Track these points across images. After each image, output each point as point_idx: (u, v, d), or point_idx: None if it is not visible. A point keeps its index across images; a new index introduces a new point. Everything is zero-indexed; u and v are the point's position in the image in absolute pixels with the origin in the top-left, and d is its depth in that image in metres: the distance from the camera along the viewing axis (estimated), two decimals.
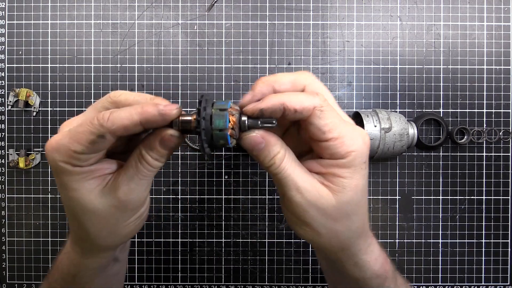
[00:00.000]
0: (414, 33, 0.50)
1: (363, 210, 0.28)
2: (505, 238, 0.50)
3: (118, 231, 0.28)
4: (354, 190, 0.26)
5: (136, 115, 0.24)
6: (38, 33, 0.49)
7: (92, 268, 0.31)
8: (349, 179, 0.25)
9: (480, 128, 0.49)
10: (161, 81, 0.50)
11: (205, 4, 0.50)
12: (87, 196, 0.26)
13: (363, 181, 0.26)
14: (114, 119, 0.24)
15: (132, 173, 0.26)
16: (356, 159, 0.25)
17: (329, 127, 0.24)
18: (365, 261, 0.29)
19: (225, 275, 0.50)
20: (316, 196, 0.26)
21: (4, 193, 0.50)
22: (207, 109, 0.24)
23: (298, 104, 0.24)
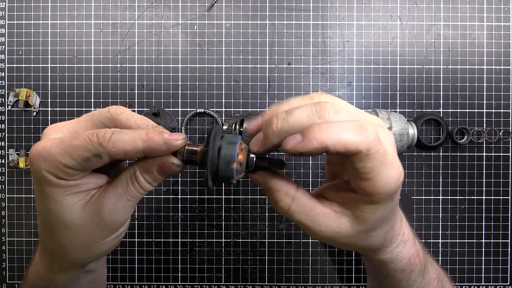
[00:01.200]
0: (414, 33, 0.50)
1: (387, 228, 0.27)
2: (505, 238, 0.50)
3: (93, 249, 0.26)
4: (374, 222, 0.25)
5: (140, 142, 0.22)
6: (38, 33, 0.49)
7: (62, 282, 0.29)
8: (371, 214, 0.24)
9: (480, 128, 0.49)
10: (161, 81, 0.50)
11: (205, 4, 0.50)
12: (67, 210, 0.24)
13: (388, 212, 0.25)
14: (116, 141, 0.22)
15: (121, 193, 0.25)
16: (382, 199, 0.23)
17: (367, 170, 0.22)
18: (388, 259, 0.30)
19: (225, 275, 0.50)
20: (332, 234, 0.25)
21: (4, 193, 0.50)
22: (216, 140, 0.23)
23: (342, 148, 0.21)
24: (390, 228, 0.28)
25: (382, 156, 0.22)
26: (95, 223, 0.25)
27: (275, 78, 0.50)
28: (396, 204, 0.26)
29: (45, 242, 0.28)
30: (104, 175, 0.26)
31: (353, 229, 0.25)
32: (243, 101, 0.50)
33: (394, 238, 0.29)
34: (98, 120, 0.25)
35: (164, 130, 0.24)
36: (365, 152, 0.21)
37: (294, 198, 0.25)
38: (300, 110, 0.22)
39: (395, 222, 0.28)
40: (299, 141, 0.21)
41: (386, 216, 0.25)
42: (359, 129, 0.21)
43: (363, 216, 0.24)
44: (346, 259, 0.50)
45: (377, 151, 0.21)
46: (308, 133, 0.21)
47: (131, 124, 0.25)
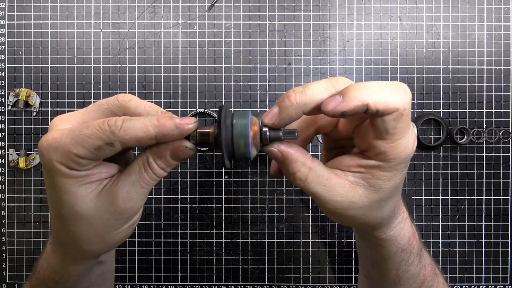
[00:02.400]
0: (414, 33, 0.50)
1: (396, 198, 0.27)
2: (505, 238, 0.50)
3: (108, 239, 0.26)
4: (389, 190, 0.25)
5: (152, 128, 0.22)
6: (38, 33, 0.49)
7: (75, 274, 0.29)
8: (387, 181, 0.25)
9: (480, 128, 0.49)
10: (161, 81, 0.50)
11: (205, 4, 0.50)
12: (81, 201, 0.24)
13: (401, 179, 0.25)
14: (128, 128, 0.22)
15: (134, 180, 0.24)
16: (400, 164, 0.24)
17: (397, 131, 0.22)
18: (392, 236, 0.30)
19: (225, 275, 0.50)
20: (347, 204, 0.25)
21: (4, 193, 0.50)
22: (228, 119, 0.23)
23: (383, 105, 0.21)
24: (398, 199, 0.28)
25: (409, 119, 0.23)
26: (109, 212, 0.25)
27: (275, 78, 0.50)
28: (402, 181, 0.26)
29: (58, 234, 0.27)
30: (114, 164, 0.26)
31: (367, 199, 0.25)
32: (243, 101, 0.50)
33: (398, 213, 0.29)
34: (107, 109, 0.25)
35: (174, 115, 0.24)
36: (401, 110, 0.21)
37: (311, 169, 0.25)
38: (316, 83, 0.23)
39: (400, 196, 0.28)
40: (339, 101, 0.21)
41: (398, 184, 0.26)
42: (397, 87, 0.22)
43: (379, 184, 0.24)
44: (346, 259, 0.50)
45: (409, 112, 0.22)
46: (348, 92, 0.21)
47: (141, 111, 0.24)
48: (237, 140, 0.23)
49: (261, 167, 0.50)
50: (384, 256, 0.31)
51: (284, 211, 0.50)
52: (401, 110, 0.22)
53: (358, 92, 0.21)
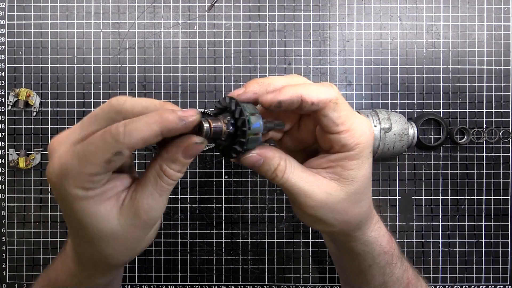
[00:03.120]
0: (414, 33, 0.50)
1: (369, 193, 0.29)
2: (505, 238, 0.50)
3: (137, 248, 0.26)
4: (362, 180, 0.27)
5: (155, 125, 0.21)
6: (38, 33, 0.49)
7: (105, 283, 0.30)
8: (357, 170, 0.26)
9: (480, 128, 0.49)
10: (161, 81, 0.50)
11: (205, 4, 0.50)
12: (104, 220, 0.24)
13: (369, 169, 0.27)
14: (131, 132, 0.21)
15: (152, 191, 0.24)
16: (364, 150, 0.26)
17: (342, 120, 0.25)
18: (373, 238, 0.31)
19: (225, 275, 0.50)
20: (325, 196, 0.26)
21: (4, 193, 0.50)
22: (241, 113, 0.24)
23: (315, 97, 0.24)
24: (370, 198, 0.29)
25: (349, 107, 0.26)
26: (134, 225, 0.25)
27: None
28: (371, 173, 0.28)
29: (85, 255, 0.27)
30: (125, 174, 0.26)
31: (343, 191, 0.26)
32: None
33: (373, 214, 0.31)
34: (103, 118, 0.24)
35: (174, 106, 0.23)
36: (334, 100, 0.24)
37: (288, 161, 0.26)
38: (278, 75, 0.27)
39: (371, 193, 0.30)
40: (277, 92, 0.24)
41: (369, 175, 0.27)
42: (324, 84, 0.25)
43: (351, 174, 0.26)
44: None
45: (343, 102, 0.25)
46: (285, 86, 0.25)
47: (138, 110, 0.23)
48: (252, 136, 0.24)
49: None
50: (369, 262, 0.32)
51: (284, 211, 0.50)
52: (334, 100, 0.24)
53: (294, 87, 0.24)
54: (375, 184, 0.50)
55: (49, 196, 0.50)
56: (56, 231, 0.50)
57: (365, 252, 0.31)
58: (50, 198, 0.50)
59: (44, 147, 0.50)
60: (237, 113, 0.24)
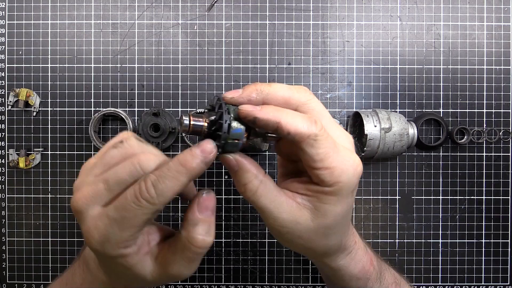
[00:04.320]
0: (414, 33, 0.50)
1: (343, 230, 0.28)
2: (505, 238, 0.50)
3: None
4: (335, 216, 0.25)
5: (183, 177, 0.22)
6: (38, 33, 0.49)
7: None
8: (332, 206, 0.25)
9: (480, 128, 0.49)
10: (161, 81, 0.50)
11: (205, 4, 0.50)
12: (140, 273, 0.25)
13: (347, 208, 0.26)
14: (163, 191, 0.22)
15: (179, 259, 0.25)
16: (343, 189, 0.24)
17: (321, 157, 0.23)
18: (343, 265, 0.30)
19: (225, 275, 0.50)
20: (293, 224, 0.25)
21: (4, 193, 0.50)
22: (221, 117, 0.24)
23: (292, 128, 0.23)
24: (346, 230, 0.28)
25: (331, 144, 0.24)
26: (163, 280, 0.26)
27: (275, 78, 0.50)
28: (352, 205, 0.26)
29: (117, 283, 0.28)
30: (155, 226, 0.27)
31: (313, 223, 0.25)
32: None
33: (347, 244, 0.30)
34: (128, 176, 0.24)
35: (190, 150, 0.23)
36: (313, 136, 0.23)
37: (262, 182, 0.25)
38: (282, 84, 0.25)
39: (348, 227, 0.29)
40: (257, 108, 0.23)
41: (345, 213, 0.26)
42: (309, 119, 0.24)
43: (324, 208, 0.25)
44: None
45: (325, 138, 0.23)
46: (267, 107, 0.24)
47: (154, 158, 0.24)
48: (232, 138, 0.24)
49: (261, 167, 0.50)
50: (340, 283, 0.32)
51: None
52: (313, 136, 0.23)
53: (275, 110, 0.23)
54: (375, 184, 0.50)
55: (49, 196, 0.50)
56: (56, 231, 0.50)
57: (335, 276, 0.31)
58: (50, 198, 0.50)
59: (44, 147, 0.50)
60: (218, 116, 0.24)
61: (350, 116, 0.49)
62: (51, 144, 0.50)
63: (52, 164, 0.50)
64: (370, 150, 0.45)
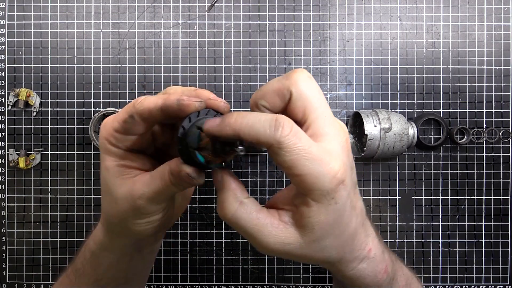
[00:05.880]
0: (414, 33, 0.50)
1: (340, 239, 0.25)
2: (505, 238, 0.50)
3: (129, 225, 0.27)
4: (322, 228, 0.24)
5: (160, 100, 0.24)
6: (38, 33, 0.49)
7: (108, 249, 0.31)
8: (316, 218, 0.23)
9: (480, 128, 0.49)
10: (161, 81, 0.50)
11: (205, 4, 0.50)
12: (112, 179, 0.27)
13: (334, 216, 0.23)
14: (144, 101, 0.25)
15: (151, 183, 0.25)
16: (320, 198, 0.22)
17: (288, 165, 0.22)
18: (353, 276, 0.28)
19: (225, 275, 0.50)
20: (281, 246, 0.24)
21: (4, 193, 0.50)
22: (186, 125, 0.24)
23: (254, 139, 0.22)
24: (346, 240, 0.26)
25: (301, 150, 0.21)
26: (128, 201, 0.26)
27: None
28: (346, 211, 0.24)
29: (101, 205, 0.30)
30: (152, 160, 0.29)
31: (303, 239, 0.24)
32: (243, 101, 0.50)
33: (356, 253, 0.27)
34: None
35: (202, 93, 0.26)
36: (276, 145, 0.21)
37: (242, 203, 0.24)
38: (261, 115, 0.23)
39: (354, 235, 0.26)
40: (216, 124, 0.23)
41: (334, 222, 0.24)
42: (272, 122, 0.21)
43: (309, 222, 0.23)
44: None
45: (292, 145, 0.21)
46: (225, 118, 0.23)
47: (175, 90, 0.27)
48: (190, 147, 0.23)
49: (261, 167, 0.50)
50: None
51: None
52: (276, 144, 0.21)
53: (233, 121, 0.22)
54: (375, 184, 0.50)
55: (49, 196, 0.50)
56: (56, 231, 0.50)
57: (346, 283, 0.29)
58: (50, 198, 0.50)
59: (44, 147, 0.50)
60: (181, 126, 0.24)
61: (350, 116, 0.49)
62: (51, 144, 0.50)
63: (52, 164, 0.50)
64: (370, 150, 0.45)
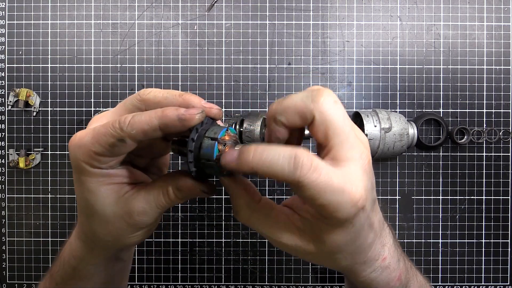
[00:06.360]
0: (414, 33, 0.50)
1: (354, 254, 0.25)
2: (505, 238, 0.50)
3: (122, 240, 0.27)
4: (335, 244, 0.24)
5: (155, 119, 0.23)
6: (38, 33, 0.49)
7: (92, 263, 0.30)
8: (330, 235, 0.23)
9: (480, 128, 0.49)
10: (161, 81, 0.50)
11: (205, 4, 0.50)
12: (101, 202, 0.25)
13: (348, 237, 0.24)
14: (134, 123, 0.23)
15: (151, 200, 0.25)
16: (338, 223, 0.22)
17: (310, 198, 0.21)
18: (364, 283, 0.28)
19: (225, 275, 0.50)
20: (293, 246, 0.24)
21: (4, 193, 0.50)
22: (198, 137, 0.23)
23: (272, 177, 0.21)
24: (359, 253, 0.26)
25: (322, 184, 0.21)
26: (124, 220, 0.26)
27: (275, 78, 0.50)
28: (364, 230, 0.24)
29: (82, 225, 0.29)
30: (139, 171, 0.27)
31: (315, 247, 0.24)
32: (243, 101, 0.50)
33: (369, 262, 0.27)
34: (130, 104, 0.26)
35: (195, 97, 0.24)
36: (295, 183, 0.21)
37: (255, 210, 0.25)
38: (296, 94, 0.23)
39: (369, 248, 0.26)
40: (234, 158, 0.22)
41: (349, 241, 0.24)
42: (291, 160, 0.21)
43: (323, 237, 0.23)
44: None
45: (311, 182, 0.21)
46: (243, 154, 0.22)
47: (159, 100, 0.25)
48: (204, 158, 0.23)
49: None
50: None
51: None
52: (295, 183, 0.21)
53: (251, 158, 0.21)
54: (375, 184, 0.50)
55: (49, 196, 0.50)
56: (56, 231, 0.50)
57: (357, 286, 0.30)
58: (50, 198, 0.50)
59: (44, 147, 0.50)
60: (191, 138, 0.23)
61: (350, 116, 0.49)
62: (51, 144, 0.50)
63: (52, 164, 0.50)
64: (370, 150, 0.45)
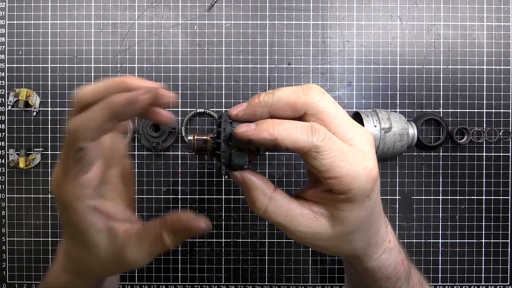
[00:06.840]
0: (414, 33, 0.50)
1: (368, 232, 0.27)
2: (505, 238, 0.50)
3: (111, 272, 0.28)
4: (354, 222, 0.25)
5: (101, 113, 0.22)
6: (38, 33, 0.49)
7: None
8: (349, 212, 0.24)
9: (480, 128, 0.49)
10: (161, 81, 0.50)
11: (205, 4, 0.50)
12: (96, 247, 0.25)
13: (366, 212, 0.25)
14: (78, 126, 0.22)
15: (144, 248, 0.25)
16: (356, 196, 0.23)
17: (326, 168, 0.23)
18: (374, 267, 0.29)
19: (225, 275, 0.50)
20: (312, 234, 0.25)
21: (4, 193, 0.50)
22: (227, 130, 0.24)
23: (290, 144, 0.22)
24: (373, 232, 0.27)
25: (338, 152, 0.23)
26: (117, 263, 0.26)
27: (275, 78, 0.50)
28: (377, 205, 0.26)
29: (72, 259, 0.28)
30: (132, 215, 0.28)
31: (333, 231, 0.25)
32: (243, 101, 0.50)
33: (379, 244, 0.29)
34: None
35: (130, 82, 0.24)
36: (314, 149, 0.22)
37: (271, 198, 0.25)
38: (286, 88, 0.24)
39: (379, 226, 0.28)
40: (251, 129, 0.23)
41: (365, 217, 0.25)
42: (309, 128, 0.23)
43: (341, 215, 0.24)
44: None
45: (329, 148, 0.22)
46: (262, 123, 0.23)
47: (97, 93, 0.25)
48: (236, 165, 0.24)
49: (261, 167, 0.50)
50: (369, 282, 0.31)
51: None
52: (313, 149, 0.22)
53: (270, 127, 0.23)
54: None
55: (49, 196, 0.50)
56: (56, 231, 0.50)
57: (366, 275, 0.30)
58: (50, 198, 0.50)
59: (44, 147, 0.50)
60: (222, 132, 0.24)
61: (350, 116, 0.49)
62: (51, 144, 0.50)
63: (52, 164, 0.50)
64: None
